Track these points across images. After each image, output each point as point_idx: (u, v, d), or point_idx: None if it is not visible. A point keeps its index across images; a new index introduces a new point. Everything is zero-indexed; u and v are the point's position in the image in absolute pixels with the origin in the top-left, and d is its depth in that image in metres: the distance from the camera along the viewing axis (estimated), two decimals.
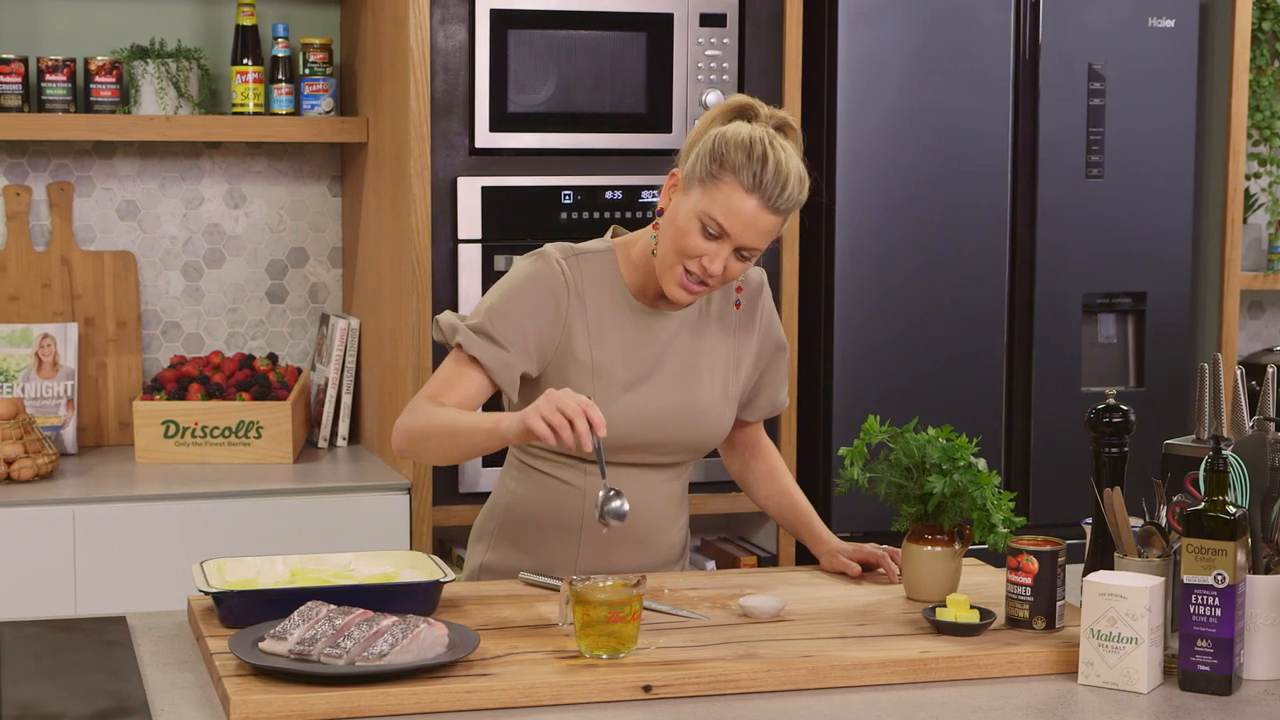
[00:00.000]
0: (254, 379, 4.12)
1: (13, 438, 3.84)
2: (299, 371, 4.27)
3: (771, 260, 4.08)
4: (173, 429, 4.05)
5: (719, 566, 4.12)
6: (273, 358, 4.28)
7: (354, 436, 4.35)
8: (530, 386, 2.75)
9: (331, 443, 4.29)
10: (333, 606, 2.36)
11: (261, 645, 2.31)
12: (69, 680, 2.32)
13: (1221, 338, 4.45)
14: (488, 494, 3.32)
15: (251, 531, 3.78)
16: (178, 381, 4.12)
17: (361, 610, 2.35)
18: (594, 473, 2.74)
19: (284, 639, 2.30)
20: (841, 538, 4.11)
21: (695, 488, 4.06)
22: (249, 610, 2.46)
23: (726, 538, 4.35)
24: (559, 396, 2.46)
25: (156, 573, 3.71)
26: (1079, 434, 4.20)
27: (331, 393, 4.27)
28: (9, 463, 3.81)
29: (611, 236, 2.85)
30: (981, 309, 4.21)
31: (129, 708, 2.20)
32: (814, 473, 4.20)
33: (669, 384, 2.76)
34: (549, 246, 2.77)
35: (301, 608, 2.36)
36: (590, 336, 2.73)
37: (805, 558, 4.17)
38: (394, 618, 2.32)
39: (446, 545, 4.05)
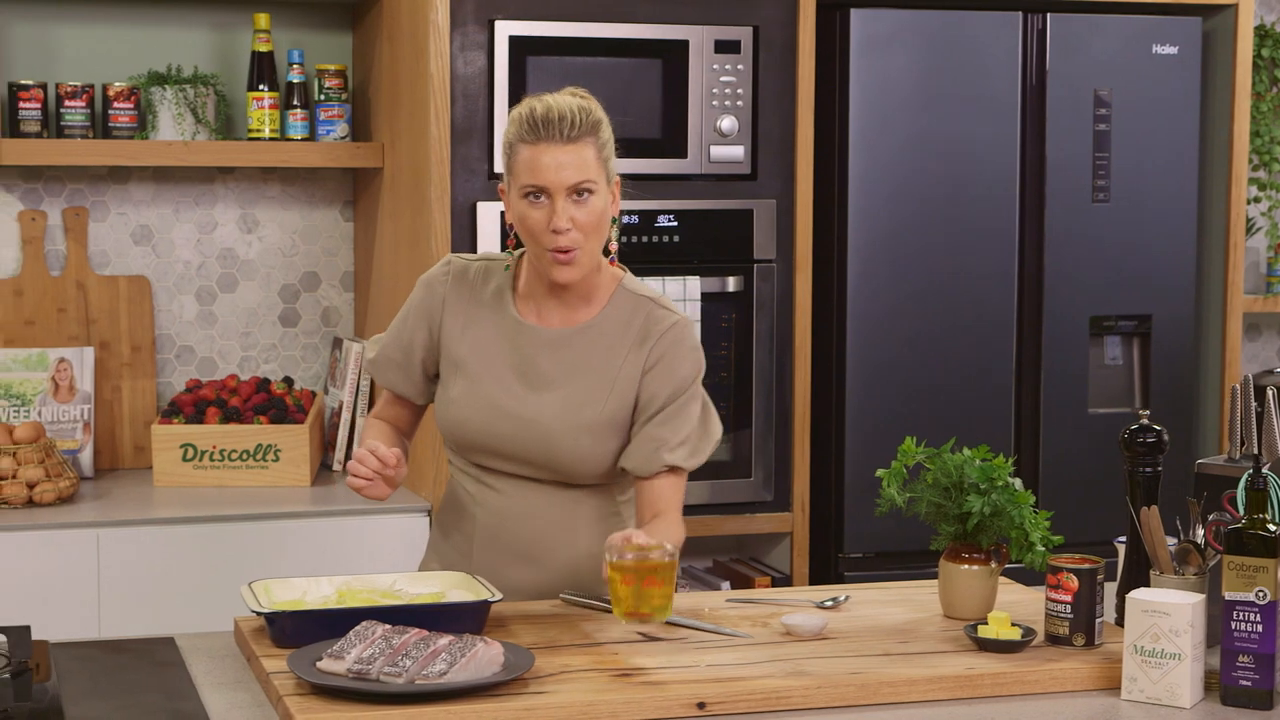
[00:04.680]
0: (271, 402, 4.14)
1: (34, 461, 3.85)
2: (314, 395, 4.29)
3: (784, 282, 4.13)
4: (191, 452, 4.07)
5: (733, 587, 4.16)
6: (288, 381, 4.31)
7: None
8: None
9: (345, 466, 4.31)
10: (388, 626, 2.39)
11: (319, 665, 2.34)
12: (128, 700, 2.35)
13: (1225, 359, 4.51)
14: None
15: (273, 554, 3.81)
16: (195, 405, 4.14)
17: (416, 629, 2.38)
18: (489, 484, 2.84)
19: (342, 658, 2.33)
20: (853, 558, 4.21)
21: (706, 509, 4.12)
22: (301, 630, 2.49)
23: (739, 559, 4.39)
24: (350, 463, 2.68)
25: (179, 594, 3.73)
26: (1087, 455, 4.31)
27: (345, 416, 4.29)
28: (31, 486, 3.83)
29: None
30: (990, 331, 4.27)
31: None
32: (826, 494, 4.24)
33: (521, 392, 2.79)
34: (455, 255, 2.92)
35: (357, 627, 2.39)
36: (460, 334, 2.83)
37: (819, 577, 4.23)
38: (450, 636, 2.36)
39: None
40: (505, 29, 3.89)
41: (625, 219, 4.01)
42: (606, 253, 2.82)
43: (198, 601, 3.71)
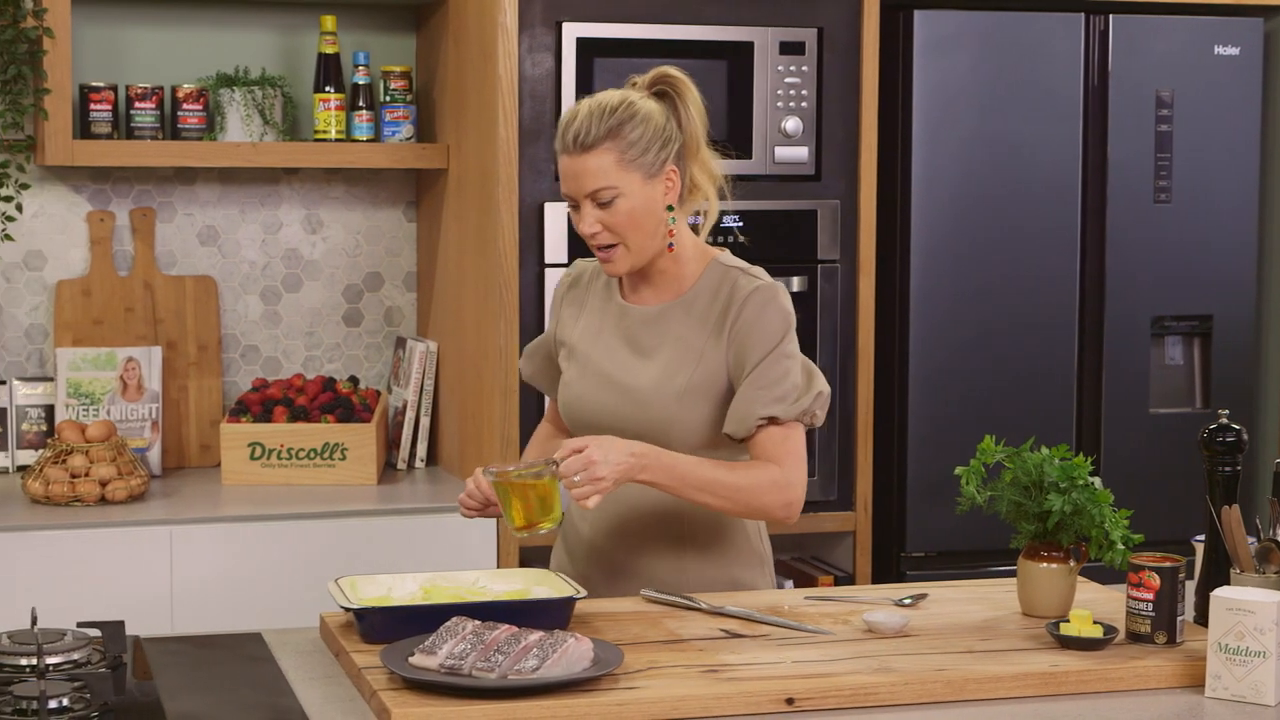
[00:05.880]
0: (337, 401, 4.18)
1: (107, 459, 3.90)
2: (378, 394, 4.33)
3: (848, 282, 4.15)
4: (259, 451, 4.11)
5: (796, 585, 4.18)
6: (354, 380, 4.35)
7: (431, 458, 4.40)
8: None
9: (410, 464, 4.35)
10: (477, 622, 2.42)
11: (412, 660, 2.36)
12: (225, 695, 2.38)
13: None
14: None
15: (343, 551, 3.84)
16: (262, 404, 4.18)
17: (506, 626, 2.41)
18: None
19: (434, 654, 2.35)
20: (915, 557, 4.22)
21: None
22: (389, 626, 2.52)
23: (800, 557, 4.41)
24: (461, 495, 2.85)
25: (251, 590, 3.77)
26: (1148, 455, 4.32)
27: (410, 415, 4.33)
28: (104, 484, 3.87)
29: None
30: (1052, 331, 4.28)
31: None
32: (888, 494, 4.26)
33: (627, 362, 2.88)
34: (581, 259, 3.07)
35: (447, 623, 2.42)
36: (573, 325, 2.97)
37: (881, 576, 4.25)
38: (540, 633, 2.38)
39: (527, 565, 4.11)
40: (573, 30, 3.92)
41: (691, 219, 4.03)
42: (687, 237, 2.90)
43: (269, 597, 3.75)
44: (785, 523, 2.84)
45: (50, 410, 4.22)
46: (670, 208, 2.83)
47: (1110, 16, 4.26)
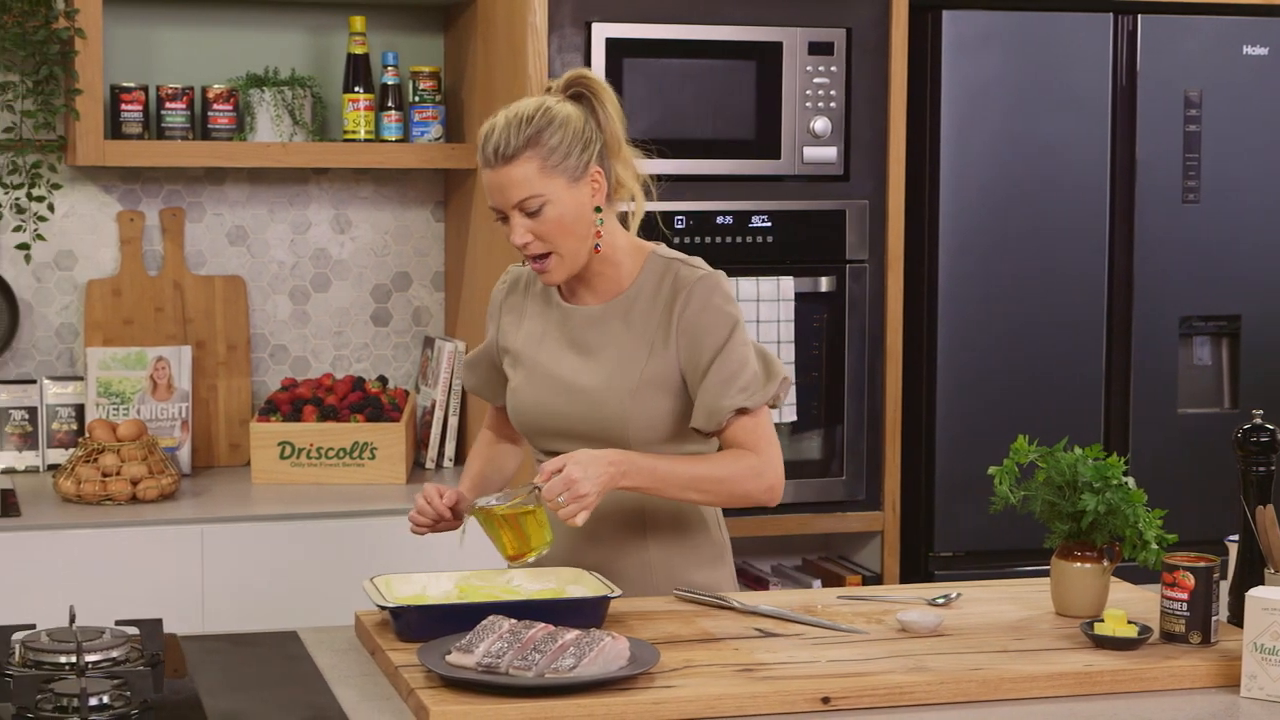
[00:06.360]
0: (366, 401, 4.19)
1: (138, 458, 3.91)
2: (407, 394, 4.34)
3: (876, 282, 4.15)
4: (288, 450, 4.12)
5: (824, 585, 4.19)
6: (383, 380, 4.36)
7: (459, 458, 4.41)
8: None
9: (438, 464, 4.36)
10: (514, 621, 2.43)
11: (448, 658, 2.37)
12: (264, 693, 2.39)
13: None
14: None
15: (373, 550, 3.85)
16: (292, 404, 4.19)
17: (542, 624, 2.42)
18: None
19: (470, 652, 2.36)
20: (943, 557, 4.23)
21: (797, 508, 4.16)
22: (426, 625, 2.53)
23: (827, 557, 4.41)
24: (412, 512, 2.94)
25: (283, 589, 3.78)
26: (1176, 455, 4.32)
27: (439, 415, 4.34)
28: (135, 483, 3.88)
29: None
30: (1080, 331, 4.28)
31: (330, 718, 2.27)
32: (916, 493, 4.27)
33: (572, 365, 2.87)
34: (514, 264, 3.06)
35: (483, 622, 2.43)
36: (515, 331, 2.97)
37: (909, 576, 4.25)
38: (576, 631, 2.39)
39: None
40: (602, 31, 3.93)
41: (720, 219, 4.05)
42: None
43: (300, 596, 3.77)
44: (768, 505, 2.86)
45: (80, 409, 4.23)
46: (598, 209, 2.84)
47: (1139, 16, 4.26)
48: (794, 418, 4.11)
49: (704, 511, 2.97)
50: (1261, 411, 2.70)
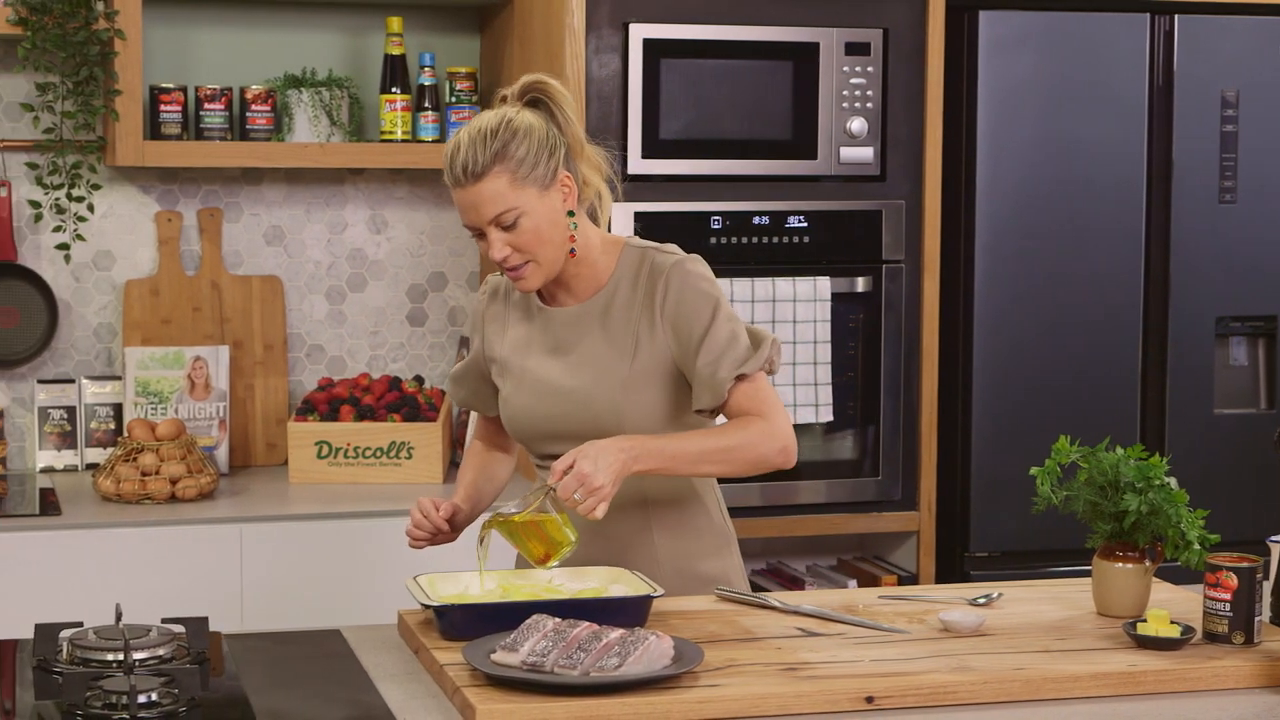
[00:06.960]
0: (403, 400, 4.21)
1: (177, 457, 3.93)
2: (443, 394, 4.35)
3: (912, 282, 4.16)
4: (326, 449, 4.14)
5: (860, 585, 4.19)
6: (419, 380, 4.38)
7: None
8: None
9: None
10: (558, 620, 2.44)
11: (493, 657, 2.38)
12: (310, 690, 2.41)
13: None
14: None
15: (409, 550, 3.84)
16: (329, 403, 4.21)
17: (587, 624, 2.43)
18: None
19: (515, 651, 2.37)
20: (979, 557, 4.22)
21: (833, 508, 4.17)
22: (470, 623, 2.54)
23: (863, 557, 4.42)
24: (409, 525, 2.95)
25: (321, 588, 3.79)
26: (1213, 455, 4.32)
27: (474, 415, 4.34)
28: (174, 482, 3.90)
29: None
30: (1116, 331, 4.28)
31: (377, 717, 2.28)
32: (952, 493, 4.27)
33: (559, 368, 2.88)
34: (492, 274, 3.04)
35: (528, 621, 2.43)
36: (500, 340, 2.97)
37: (945, 576, 4.25)
38: (620, 630, 2.40)
39: None
40: (639, 32, 3.94)
41: (756, 219, 4.05)
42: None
43: (339, 595, 3.78)
44: (784, 467, 2.85)
45: (119, 409, 4.26)
46: (571, 213, 2.84)
47: (1176, 16, 4.26)
48: (830, 418, 4.11)
49: (705, 499, 2.98)
50: None
